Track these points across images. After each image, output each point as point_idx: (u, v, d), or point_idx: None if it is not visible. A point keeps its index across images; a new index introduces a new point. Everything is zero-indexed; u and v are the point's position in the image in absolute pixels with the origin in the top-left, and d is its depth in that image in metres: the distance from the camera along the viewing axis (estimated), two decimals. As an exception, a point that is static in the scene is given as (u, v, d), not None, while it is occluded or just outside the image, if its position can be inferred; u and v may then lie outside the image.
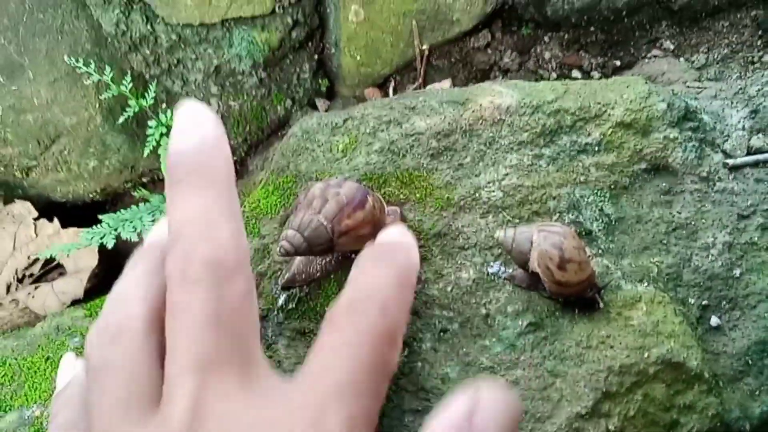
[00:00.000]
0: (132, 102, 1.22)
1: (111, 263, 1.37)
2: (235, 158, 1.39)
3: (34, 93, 1.22)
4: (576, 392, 0.71)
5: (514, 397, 0.38)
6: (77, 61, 1.17)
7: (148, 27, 1.21)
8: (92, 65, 1.19)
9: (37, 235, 1.36)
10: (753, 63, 1.23)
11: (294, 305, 0.88)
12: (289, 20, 1.21)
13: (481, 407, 0.37)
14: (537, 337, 0.77)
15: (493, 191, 0.94)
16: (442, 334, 0.80)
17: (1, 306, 1.37)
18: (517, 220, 0.91)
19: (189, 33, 1.22)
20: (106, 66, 1.21)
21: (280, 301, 0.89)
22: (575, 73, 1.25)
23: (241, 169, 1.41)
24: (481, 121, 0.99)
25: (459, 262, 0.88)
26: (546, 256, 0.75)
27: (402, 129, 1.00)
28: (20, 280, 1.37)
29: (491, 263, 0.87)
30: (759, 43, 1.26)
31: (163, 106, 1.27)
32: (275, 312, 0.88)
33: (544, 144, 0.98)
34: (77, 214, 1.42)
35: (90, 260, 1.33)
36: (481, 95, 1.02)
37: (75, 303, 1.31)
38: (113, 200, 1.45)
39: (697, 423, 0.72)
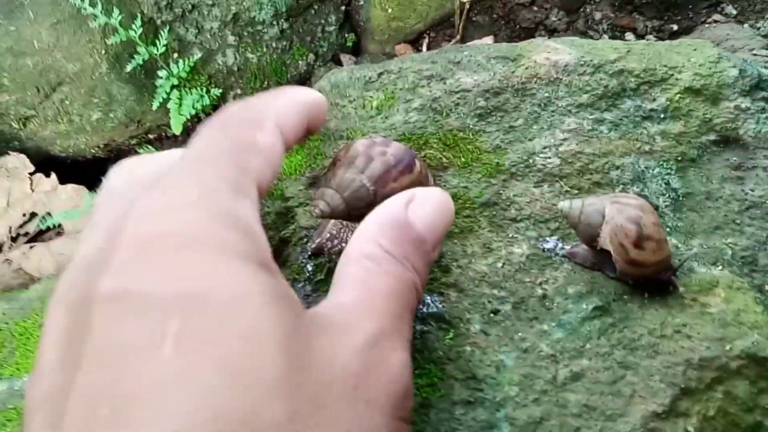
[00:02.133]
0: (141, 49, 1.14)
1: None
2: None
3: (34, 35, 1.14)
4: (650, 387, 0.64)
5: (446, 195, 0.46)
6: (82, 1, 1.08)
7: (162, -33, 1.12)
8: (99, 6, 1.10)
9: (33, 191, 1.28)
10: (823, 32, 1.14)
11: (323, 276, 0.79)
12: (316, -34, 1.12)
13: (417, 197, 0.44)
14: (604, 323, 0.69)
15: (549, 158, 0.85)
16: (492, 315, 0.72)
17: (-7, 266, 1.29)
18: (576, 191, 0.83)
19: (206, -25, 1.14)
20: (114, 8, 1.12)
21: (308, 270, 0.81)
22: (628, 36, 1.16)
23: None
24: (535, 80, 0.90)
25: (510, 235, 0.80)
26: (621, 231, 0.67)
27: (445, 85, 0.91)
28: (14, 239, 1.29)
29: (547, 238, 0.79)
30: (828, 11, 1.17)
31: (175, 55, 1.19)
32: (302, 283, 0.79)
33: (606, 108, 0.89)
34: (77, 170, 1.34)
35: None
36: (535, 51, 0.93)
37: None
38: (116, 157, 1.37)
39: (782, 426, 0.65)
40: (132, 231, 0.36)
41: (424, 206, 0.44)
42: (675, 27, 1.18)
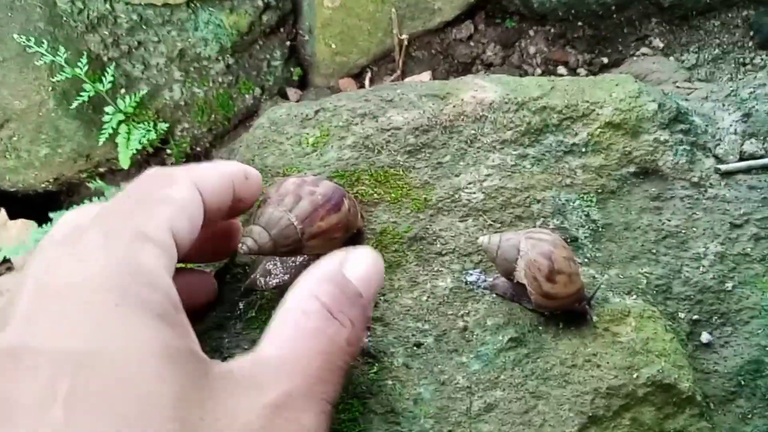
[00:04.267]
0: (88, 86, 1.15)
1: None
2: (198, 149, 1.32)
3: (-21, 73, 1.14)
4: (560, 416, 0.66)
5: (377, 254, 0.48)
6: (28, 40, 1.08)
7: (107, 6, 1.14)
8: (45, 45, 1.11)
9: (-18, 227, 1.28)
10: (744, 65, 1.19)
11: (254, 313, 0.81)
12: (260, 3, 1.14)
13: (352, 255, 0.46)
14: (518, 354, 0.72)
15: (474, 193, 0.88)
16: (415, 348, 0.74)
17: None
18: (498, 225, 0.86)
19: (151, 13, 1.15)
20: (60, 47, 1.13)
21: (239, 308, 0.82)
22: (561, 70, 1.21)
23: (207, 159, 1.34)
24: (462, 117, 0.93)
25: (435, 269, 0.82)
26: (534, 265, 0.70)
27: (378, 123, 0.94)
28: (-38, 275, 1.28)
29: (470, 271, 0.82)
30: (750, 44, 1.22)
31: (122, 91, 1.20)
32: (233, 321, 0.81)
33: (529, 143, 0.92)
34: (29, 204, 1.33)
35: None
36: (463, 89, 0.96)
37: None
38: (68, 191, 1.37)
39: (688, 449, 0.68)
40: (33, 284, 0.37)
41: (360, 264, 0.46)
42: (605, 60, 1.23)
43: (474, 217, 0.84)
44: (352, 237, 0.63)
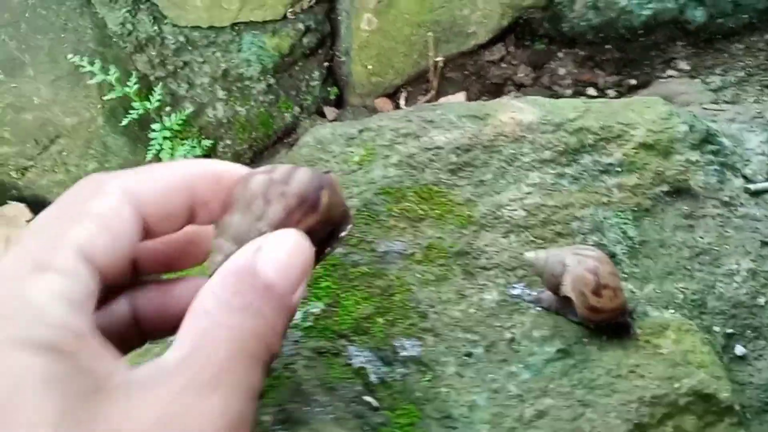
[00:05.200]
0: (136, 104, 1.19)
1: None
2: (238, 164, 1.36)
3: (34, 91, 1.19)
4: (607, 423, 0.69)
5: (300, 236, 0.43)
6: (81, 59, 1.13)
7: (155, 28, 1.18)
8: (97, 64, 1.15)
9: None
10: (768, 87, 1.23)
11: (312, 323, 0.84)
12: (301, 26, 1.19)
13: (268, 242, 0.41)
14: (566, 364, 0.74)
15: (516, 210, 0.91)
16: (466, 358, 0.77)
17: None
18: (540, 241, 0.89)
19: (197, 35, 1.20)
20: (111, 66, 1.17)
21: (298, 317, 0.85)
22: (590, 91, 1.24)
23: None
24: (501, 137, 0.97)
25: (481, 282, 0.85)
26: (581, 281, 0.73)
27: (420, 142, 0.97)
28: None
29: (514, 285, 0.85)
30: (773, 66, 1.26)
31: (168, 109, 1.24)
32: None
33: (567, 163, 0.95)
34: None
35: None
36: (501, 111, 1.00)
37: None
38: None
39: (728, 457, 0.70)
40: None
41: (275, 251, 0.42)
42: (633, 81, 1.27)
43: (516, 233, 0.87)
44: (338, 225, 0.55)
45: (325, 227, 0.54)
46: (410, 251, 0.88)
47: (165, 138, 1.22)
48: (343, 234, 0.50)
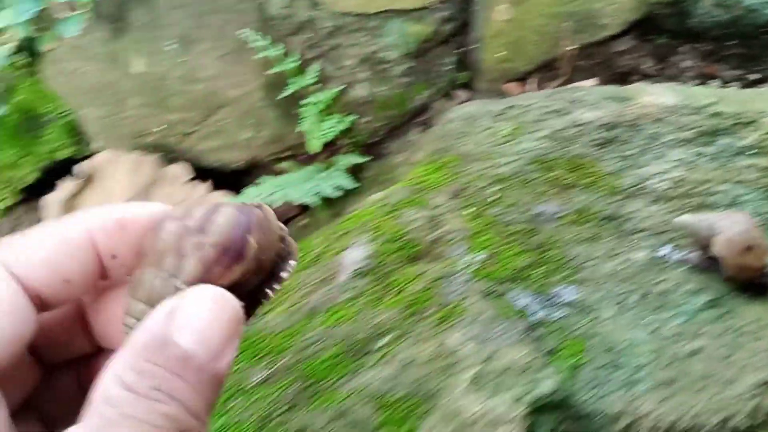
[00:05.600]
0: (293, 80, 1.33)
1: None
2: (373, 140, 1.49)
3: (203, 65, 1.34)
4: (756, 363, 0.78)
5: (221, 293, 0.35)
6: (256, 33, 1.27)
7: (311, 13, 1.32)
8: (267, 40, 1.29)
9: (188, 196, 1.48)
10: None
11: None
12: (441, 15, 1.30)
13: (183, 304, 0.35)
14: (715, 313, 0.84)
15: (660, 182, 1.00)
16: (621, 304, 0.87)
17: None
18: (683, 211, 0.97)
19: (348, 20, 1.33)
20: (276, 43, 1.32)
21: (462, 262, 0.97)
22: (713, 83, 1.32)
23: (377, 150, 1.51)
24: (644, 117, 1.06)
25: (630, 243, 0.95)
26: (732, 241, 0.82)
27: (567, 119, 1.07)
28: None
29: (661, 247, 0.94)
30: None
31: (317, 86, 1.38)
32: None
33: (705, 143, 1.04)
34: (223, 179, 1.53)
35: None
36: (641, 94, 1.09)
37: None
38: (252, 170, 1.56)
39: None
40: None
41: (191, 314, 0.35)
42: (755, 76, 1.34)
43: (661, 202, 0.96)
44: (274, 267, 0.45)
45: (257, 274, 0.45)
46: (562, 214, 0.99)
47: (314, 113, 1.36)
48: (284, 274, 0.43)
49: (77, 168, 1.45)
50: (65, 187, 1.44)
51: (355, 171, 1.47)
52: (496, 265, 0.94)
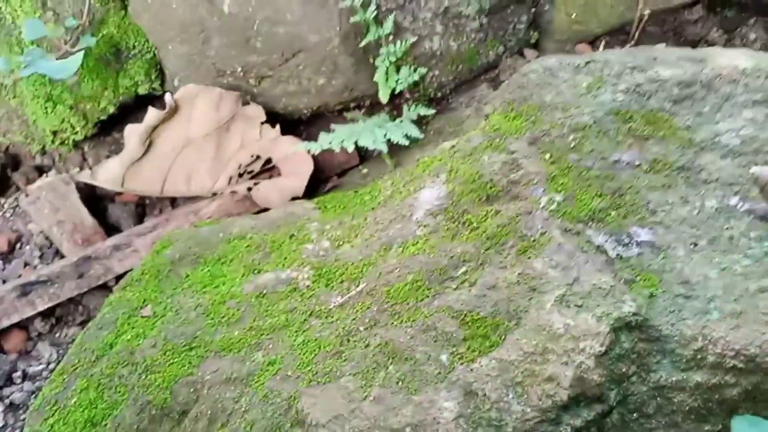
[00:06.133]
0: (372, 30, 1.38)
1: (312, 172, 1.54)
2: (440, 94, 1.54)
3: (288, 8, 1.39)
4: (821, 302, 0.83)
5: None
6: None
7: (392, -33, 1.37)
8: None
9: (261, 138, 1.55)
10: None
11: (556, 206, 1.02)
12: (519, -27, 1.35)
13: None
14: (782, 256, 0.89)
15: (732, 138, 1.06)
16: (693, 246, 0.93)
17: (220, 195, 1.56)
18: (753, 164, 1.03)
19: (427, -26, 1.38)
20: (355, -7, 1.37)
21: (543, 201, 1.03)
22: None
23: (443, 104, 1.56)
24: (719, 78, 1.11)
25: (702, 192, 1.01)
26: (804, 189, 0.87)
27: (646, 75, 1.13)
28: (240, 175, 1.56)
29: (730, 197, 1.00)
30: None
31: (392, 37, 1.43)
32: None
33: (776, 105, 1.08)
34: (288, 125, 1.60)
35: (307, 166, 1.50)
36: (717, 56, 1.14)
37: (293, 199, 1.49)
38: (315, 119, 1.63)
39: None
40: None
41: None
42: (820, 50, 1.38)
43: (732, 156, 1.02)
44: None
45: None
46: (638, 162, 1.05)
47: (388, 64, 1.41)
48: None
49: (167, 97, 1.52)
50: (150, 116, 1.51)
51: (419, 123, 1.53)
52: (575, 205, 1.00)
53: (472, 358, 0.83)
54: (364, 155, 1.66)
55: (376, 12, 1.37)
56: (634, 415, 0.78)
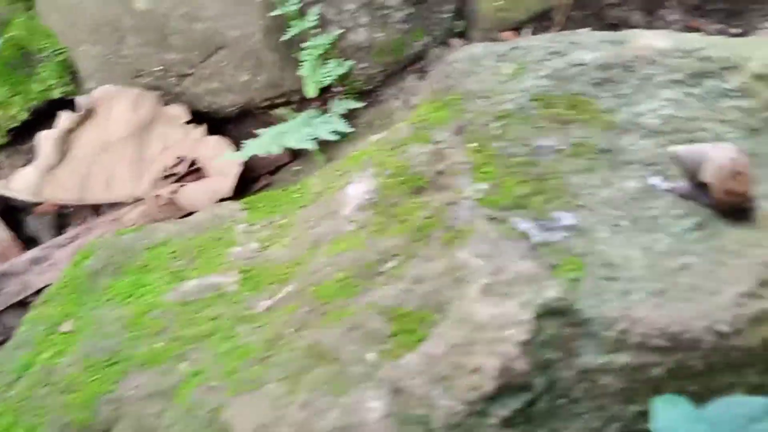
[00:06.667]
0: (294, 23, 1.35)
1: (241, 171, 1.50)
2: (369, 87, 1.52)
3: (206, 4, 1.35)
4: (738, 277, 0.85)
5: None
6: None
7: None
8: (267, -17, 1.32)
9: (185, 139, 1.50)
10: None
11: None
12: (441, -38, 1.34)
13: None
14: (701, 234, 0.91)
15: (652, 119, 1.07)
16: (615, 227, 0.93)
17: (143, 200, 1.50)
18: (672, 145, 1.04)
19: (349, -36, 1.36)
20: (275, -14, 1.34)
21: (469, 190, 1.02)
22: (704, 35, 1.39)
23: (373, 97, 1.54)
24: (638, 59, 1.12)
25: (624, 173, 1.02)
26: (721, 167, 0.89)
27: (567, 59, 1.13)
28: (164, 178, 1.50)
29: (651, 177, 1.01)
30: None
31: (317, 31, 1.40)
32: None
33: (693, 84, 1.11)
34: (214, 124, 1.56)
35: (235, 166, 1.46)
36: (636, 38, 1.15)
37: (220, 201, 1.44)
38: (243, 116, 1.58)
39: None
40: None
41: None
42: (735, 30, 1.42)
43: (652, 137, 1.03)
44: None
45: None
46: (560, 147, 1.05)
47: (313, 57, 1.38)
48: None
49: (79, 100, 1.45)
50: (64, 120, 1.44)
51: (349, 117, 1.51)
52: (499, 193, 0.99)
53: (399, 354, 0.81)
54: (296, 151, 1.64)
55: (298, 5, 1.34)
56: (562, 400, 0.77)
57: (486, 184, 1.01)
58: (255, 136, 1.36)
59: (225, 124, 1.65)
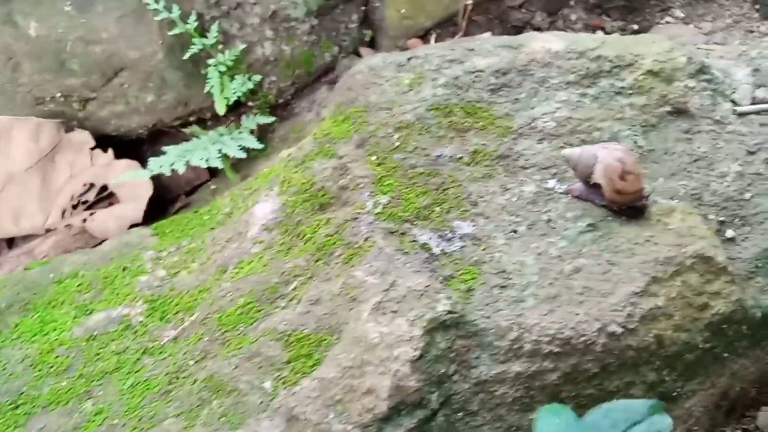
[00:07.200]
0: (196, 40, 1.32)
1: (156, 194, 1.46)
2: (281, 100, 1.50)
3: (102, 26, 1.31)
4: (631, 276, 0.87)
5: None
6: (147, -3, 1.25)
7: (211, -29, 1.31)
8: (162, 2, 1.28)
9: (92, 165, 1.45)
10: (752, 32, 1.41)
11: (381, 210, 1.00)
12: (343, -28, 1.33)
13: None
14: (595, 235, 0.92)
15: (547, 122, 1.08)
16: (513, 233, 0.94)
17: (54, 231, 1.45)
18: (569, 146, 1.05)
19: (249, -22, 1.33)
20: (173, 5, 1.30)
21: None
22: (598, 34, 1.41)
23: (285, 110, 1.52)
24: (533, 63, 1.13)
25: (521, 178, 1.02)
26: (610, 168, 0.90)
27: (464, 67, 1.13)
28: (74, 207, 1.45)
29: (548, 180, 1.02)
30: (755, 15, 1.45)
31: (220, 47, 1.37)
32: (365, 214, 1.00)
33: (588, 85, 1.12)
34: (123, 147, 1.51)
35: (145, 190, 1.42)
36: (532, 41, 1.16)
37: (132, 227, 1.40)
38: (157, 137, 1.54)
39: (722, 306, 0.88)
40: None
41: None
42: (635, 26, 1.45)
43: (548, 140, 1.04)
44: None
45: None
46: (459, 155, 1.05)
47: (219, 74, 1.35)
48: None
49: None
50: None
51: (263, 132, 1.49)
52: (400, 205, 0.99)
53: (295, 380, 0.80)
54: (214, 170, 1.60)
55: (197, 22, 1.31)
56: (459, 414, 0.77)
57: (387, 197, 1.01)
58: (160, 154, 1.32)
59: (139, 145, 1.61)
